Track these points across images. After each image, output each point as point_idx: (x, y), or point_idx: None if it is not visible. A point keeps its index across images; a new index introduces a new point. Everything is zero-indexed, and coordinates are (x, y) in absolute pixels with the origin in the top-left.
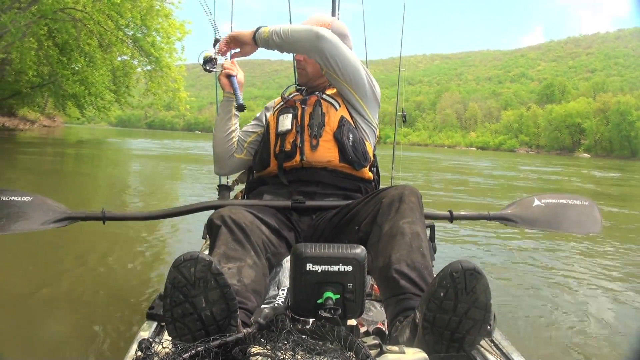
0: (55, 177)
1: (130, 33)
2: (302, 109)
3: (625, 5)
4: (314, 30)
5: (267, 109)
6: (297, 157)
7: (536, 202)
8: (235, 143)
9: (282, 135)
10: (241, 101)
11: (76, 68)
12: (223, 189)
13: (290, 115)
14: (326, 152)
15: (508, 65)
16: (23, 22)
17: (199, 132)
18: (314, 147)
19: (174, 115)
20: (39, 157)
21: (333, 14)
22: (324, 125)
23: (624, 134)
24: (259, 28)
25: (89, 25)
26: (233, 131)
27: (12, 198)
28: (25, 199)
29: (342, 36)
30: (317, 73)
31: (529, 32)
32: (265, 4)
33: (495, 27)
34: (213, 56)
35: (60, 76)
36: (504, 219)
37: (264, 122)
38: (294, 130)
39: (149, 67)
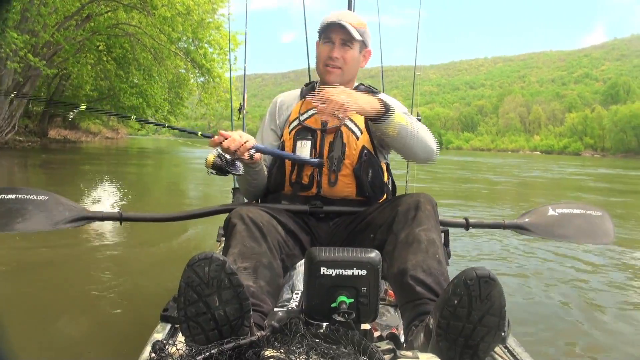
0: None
1: (185, 46)
2: (322, 136)
3: None
4: (432, 147)
5: (280, 108)
6: (314, 189)
7: (550, 212)
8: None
9: (299, 165)
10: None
11: (135, 81)
12: (237, 192)
13: (309, 144)
14: (344, 188)
15: (571, 66)
16: (78, 38)
17: None
18: (332, 184)
19: (237, 125)
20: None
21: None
22: (344, 159)
23: None
24: (386, 105)
25: (142, 40)
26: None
27: (28, 197)
28: (41, 197)
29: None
30: (351, 76)
31: (590, 31)
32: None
33: (556, 28)
34: (222, 158)
35: (118, 89)
36: (518, 228)
37: (280, 130)
38: None
39: (202, 79)
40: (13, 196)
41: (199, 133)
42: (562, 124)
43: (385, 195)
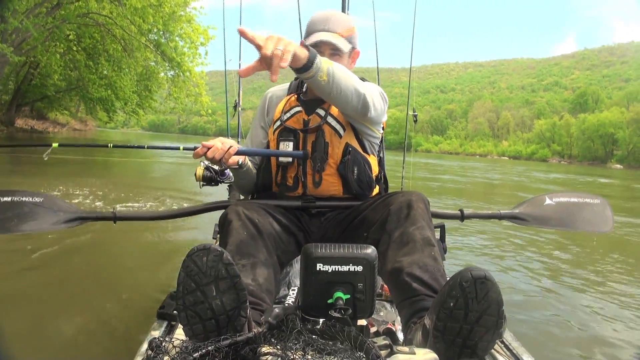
0: None
1: (155, 38)
2: (304, 137)
3: None
4: (363, 96)
5: (270, 104)
6: (300, 190)
7: (547, 201)
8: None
9: (283, 167)
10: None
11: (104, 72)
12: (233, 189)
13: (291, 145)
14: (329, 187)
15: (541, 73)
16: (47, 26)
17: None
18: (316, 184)
19: (206, 120)
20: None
21: (343, 11)
22: (327, 159)
23: None
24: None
25: (112, 30)
26: (254, 173)
27: (23, 199)
28: (36, 199)
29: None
30: None
31: (561, 40)
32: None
33: (528, 36)
34: (211, 170)
35: (87, 80)
36: (515, 218)
37: (268, 124)
38: (295, 163)
39: (172, 73)
40: (9, 198)
41: (181, 147)
42: (531, 131)
43: (378, 190)
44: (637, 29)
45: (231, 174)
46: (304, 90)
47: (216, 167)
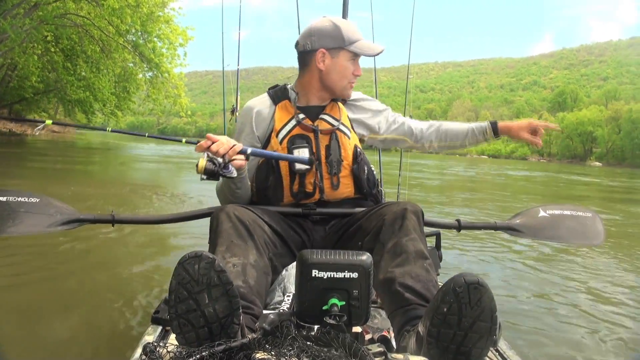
0: None
1: (133, 39)
2: (317, 141)
3: (636, 15)
4: None
5: (257, 118)
6: (317, 196)
7: (541, 213)
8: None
9: (300, 175)
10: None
11: (83, 74)
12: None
13: (307, 150)
14: (345, 189)
15: (520, 73)
16: (25, 27)
17: None
18: (334, 186)
19: (186, 122)
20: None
21: (344, 14)
22: (342, 161)
23: (636, 142)
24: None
25: (90, 31)
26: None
27: (20, 199)
28: (32, 200)
29: None
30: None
31: (539, 40)
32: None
33: (506, 35)
34: (215, 162)
35: (65, 82)
36: (510, 229)
37: (261, 142)
38: (313, 169)
39: (150, 74)
40: (4, 198)
41: (183, 140)
42: None
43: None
44: (614, 28)
45: (234, 170)
46: (294, 96)
47: (220, 160)
